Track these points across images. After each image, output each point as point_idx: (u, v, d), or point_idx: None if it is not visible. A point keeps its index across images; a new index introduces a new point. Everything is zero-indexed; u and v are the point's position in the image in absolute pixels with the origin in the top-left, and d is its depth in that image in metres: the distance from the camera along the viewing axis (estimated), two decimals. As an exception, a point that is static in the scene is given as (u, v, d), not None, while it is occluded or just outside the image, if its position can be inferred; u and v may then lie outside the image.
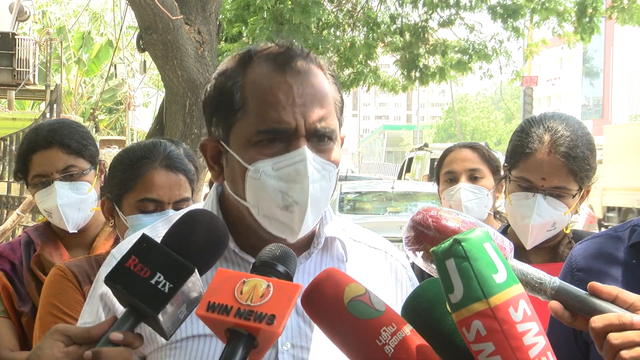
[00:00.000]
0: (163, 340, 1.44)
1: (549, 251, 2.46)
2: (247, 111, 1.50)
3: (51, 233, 2.84)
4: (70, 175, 2.75)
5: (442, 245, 1.23)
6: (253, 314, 1.18)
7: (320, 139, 1.51)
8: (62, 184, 2.73)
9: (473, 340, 1.19)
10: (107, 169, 2.86)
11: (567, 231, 2.46)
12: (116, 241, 2.79)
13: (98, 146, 2.93)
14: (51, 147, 2.73)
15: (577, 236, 2.46)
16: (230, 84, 1.53)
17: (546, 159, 2.29)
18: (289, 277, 1.28)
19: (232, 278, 1.23)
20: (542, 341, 1.19)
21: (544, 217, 2.32)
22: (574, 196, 2.34)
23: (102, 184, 2.87)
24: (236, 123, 1.51)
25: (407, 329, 1.28)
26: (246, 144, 1.50)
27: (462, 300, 1.19)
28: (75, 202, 2.75)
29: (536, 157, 2.30)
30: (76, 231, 2.80)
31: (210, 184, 3.72)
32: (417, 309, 1.34)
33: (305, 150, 1.47)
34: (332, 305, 1.29)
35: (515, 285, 1.21)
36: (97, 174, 2.84)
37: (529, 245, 2.39)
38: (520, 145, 2.36)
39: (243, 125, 1.50)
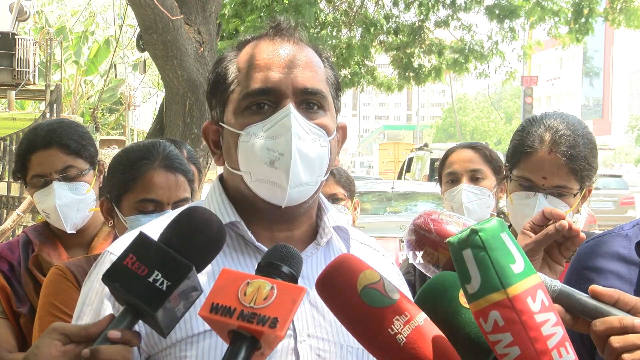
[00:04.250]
0: (176, 336, 1.44)
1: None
2: (238, 81, 1.57)
3: (50, 233, 2.83)
4: (69, 176, 2.74)
5: (459, 236, 1.22)
6: (256, 316, 1.18)
7: (309, 106, 1.56)
8: (61, 184, 2.72)
9: (490, 331, 1.18)
10: (106, 169, 2.85)
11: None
12: (114, 241, 2.79)
13: (97, 146, 2.92)
14: (50, 147, 2.72)
15: None
16: (226, 64, 1.61)
17: (547, 158, 2.28)
18: (293, 278, 1.27)
19: (237, 279, 1.22)
20: (560, 331, 1.19)
21: None
22: (575, 195, 2.33)
23: (101, 185, 2.86)
24: (229, 97, 1.58)
25: (421, 318, 1.27)
26: (237, 112, 1.56)
27: (479, 290, 1.18)
28: (74, 203, 2.74)
29: (537, 156, 2.29)
30: (74, 231, 2.79)
31: None
32: (429, 303, 1.33)
33: (290, 107, 1.52)
34: (345, 292, 1.28)
35: (533, 275, 1.20)
36: (95, 174, 2.83)
37: None
38: (521, 145, 2.35)
39: (234, 95, 1.57)
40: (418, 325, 1.26)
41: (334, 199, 3.53)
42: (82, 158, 2.77)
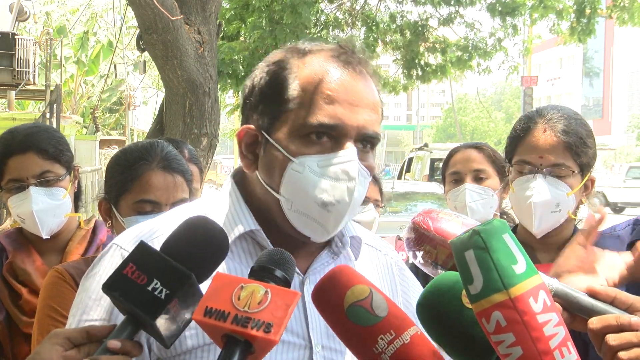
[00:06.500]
0: (192, 343, 1.44)
1: (557, 249, 2.45)
2: (302, 103, 1.49)
3: (23, 239, 2.80)
4: (46, 181, 2.70)
5: (461, 237, 1.22)
6: (250, 321, 1.17)
7: (364, 146, 1.52)
8: (38, 189, 2.68)
9: (493, 331, 1.19)
10: (80, 175, 2.83)
11: (575, 217, 2.45)
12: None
13: (97, 146, 2.91)
14: (28, 152, 2.67)
15: None
16: (285, 74, 1.52)
17: (541, 137, 2.34)
18: (287, 282, 1.26)
19: (230, 283, 1.22)
20: (562, 331, 1.19)
21: (545, 196, 2.32)
22: (574, 173, 2.35)
23: (76, 190, 2.83)
24: (285, 113, 1.50)
25: (407, 336, 1.26)
26: (293, 136, 1.49)
27: (481, 291, 1.19)
28: (51, 208, 2.70)
29: (531, 136, 2.36)
30: (49, 237, 2.75)
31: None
32: (432, 304, 1.33)
33: (355, 152, 1.47)
34: (333, 308, 1.29)
35: (535, 275, 1.21)
36: (71, 179, 2.79)
37: (535, 229, 2.36)
38: (516, 131, 2.43)
39: (294, 116, 1.49)
40: (403, 344, 1.26)
41: (375, 205, 3.69)
42: (59, 163, 2.73)
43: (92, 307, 1.51)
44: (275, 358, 1.46)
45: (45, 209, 2.68)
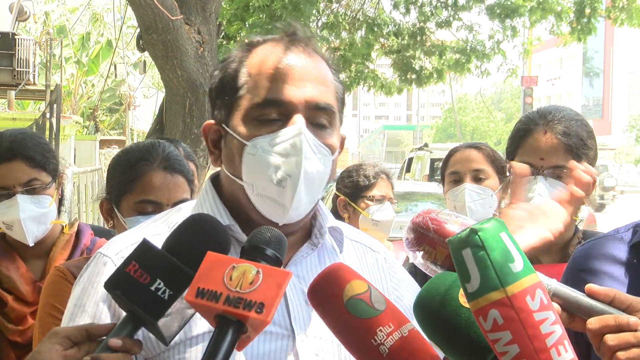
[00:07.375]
0: (173, 339, 1.44)
1: (559, 251, 2.46)
2: (249, 87, 1.53)
3: (6, 246, 2.79)
4: (32, 189, 2.68)
5: (459, 235, 1.22)
6: (242, 301, 1.17)
7: (319, 123, 1.53)
8: (25, 197, 2.67)
9: (490, 330, 1.19)
10: (64, 182, 2.81)
11: (576, 218, 2.45)
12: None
13: (97, 146, 2.91)
14: (14, 160, 2.66)
15: (588, 237, 2.45)
16: (235, 66, 1.57)
17: (542, 138, 2.35)
18: (278, 261, 1.27)
19: (222, 263, 1.22)
20: (558, 330, 1.19)
21: (545, 197, 2.33)
22: None
23: (60, 196, 2.82)
24: (237, 101, 1.54)
25: (406, 330, 1.28)
26: (245, 121, 1.52)
27: (478, 289, 1.19)
28: (37, 216, 2.69)
29: (532, 138, 2.37)
30: (33, 244, 2.75)
31: None
32: (429, 303, 1.34)
33: (302, 125, 1.49)
34: (332, 301, 1.30)
35: (532, 274, 1.21)
36: (57, 187, 2.78)
37: None
38: (518, 132, 2.44)
39: (244, 102, 1.53)
40: (402, 336, 1.27)
41: (391, 202, 4.00)
42: (46, 171, 2.71)
43: (77, 314, 1.52)
44: (258, 348, 1.47)
45: (32, 217, 2.68)
